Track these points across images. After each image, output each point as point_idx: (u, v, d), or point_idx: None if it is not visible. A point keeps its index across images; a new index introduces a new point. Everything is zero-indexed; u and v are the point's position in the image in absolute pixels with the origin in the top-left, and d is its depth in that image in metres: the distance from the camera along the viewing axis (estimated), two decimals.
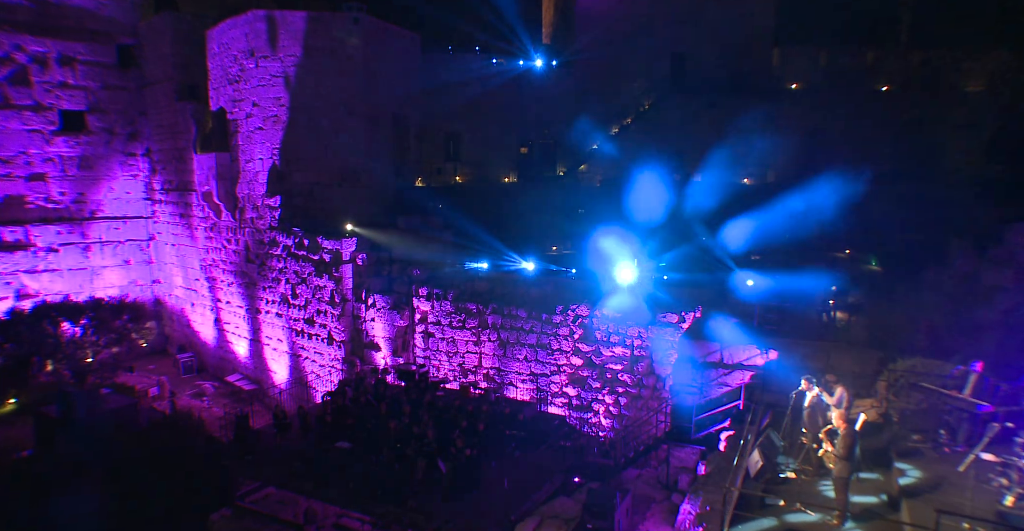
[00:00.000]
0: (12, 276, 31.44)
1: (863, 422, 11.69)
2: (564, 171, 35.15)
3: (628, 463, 16.68)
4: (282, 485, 16.72)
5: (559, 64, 35.49)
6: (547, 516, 14.18)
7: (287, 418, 18.65)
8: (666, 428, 16.81)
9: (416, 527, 14.33)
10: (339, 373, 24.47)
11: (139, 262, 35.74)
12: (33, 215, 32.13)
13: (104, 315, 31.33)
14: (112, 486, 17.21)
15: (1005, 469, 10.34)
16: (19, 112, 31.37)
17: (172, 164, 33.30)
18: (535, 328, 21.21)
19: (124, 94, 34.14)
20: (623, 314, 19.58)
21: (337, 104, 27.05)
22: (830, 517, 10.49)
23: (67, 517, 16.53)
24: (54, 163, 32.53)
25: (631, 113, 33.31)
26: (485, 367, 22.31)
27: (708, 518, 11.11)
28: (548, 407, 20.72)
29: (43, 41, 31.58)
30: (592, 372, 20.22)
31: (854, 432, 10.67)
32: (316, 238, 25.14)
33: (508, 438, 17.00)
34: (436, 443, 16.49)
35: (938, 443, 11.90)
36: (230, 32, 27.70)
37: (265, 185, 27.29)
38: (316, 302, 25.44)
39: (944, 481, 10.80)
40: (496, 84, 33.31)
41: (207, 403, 28.46)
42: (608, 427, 19.87)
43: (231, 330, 30.93)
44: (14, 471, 19.23)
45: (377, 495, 14.96)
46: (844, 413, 11.10)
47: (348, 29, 26.71)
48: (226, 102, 28.60)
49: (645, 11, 33.36)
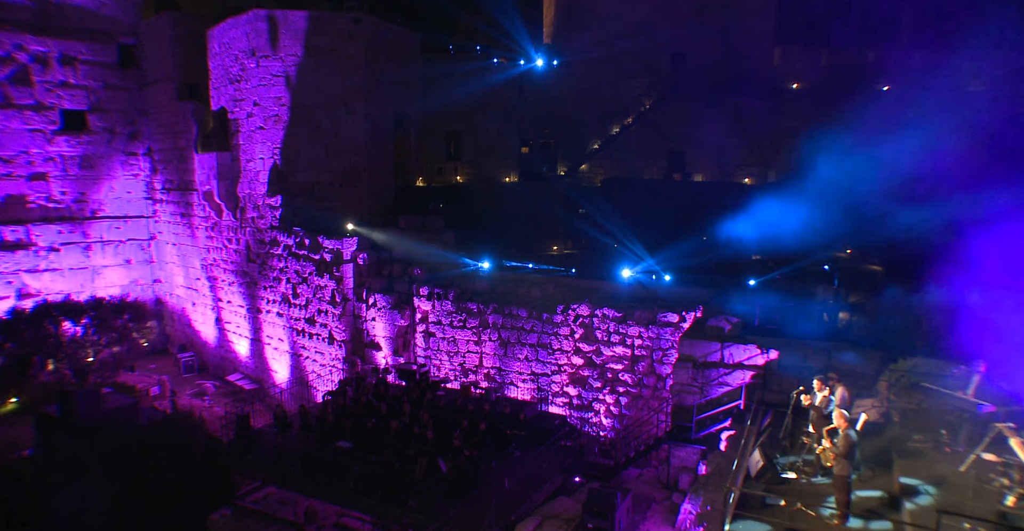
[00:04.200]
0: (13, 275, 31.48)
1: (864, 422, 11.69)
2: (565, 171, 35.15)
3: (629, 463, 16.67)
4: (283, 485, 16.75)
5: (560, 64, 35.47)
6: (548, 516, 14.18)
7: (288, 418, 18.65)
8: (667, 428, 16.80)
9: (417, 527, 14.34)
10: (340, 373, 24.48)
11: (140, 261, 35.78)
12: (34, 214, 32.15)
13: (105, 314, 31.33)
14: (112, 486, 17.21)
15: (1006, 469, 10.33)
16: (20, 111, 31.40)
17: (173, 164, 33.32)
18: (536, 328, 21.21)
19: (125, 94, 34.17)
20: (624, 314, 19.58)
21: (338, 104, 27.05)
22: (831, 517, 10.49)
23: (68, 516, 16.55)
24: (55, 162, 32.56)
25: (632, 113, 33.31)
26: (486, 367, 22.32)
27: (709, 518, 11.10)
28: (549, 407, 20.74)
29: (44, 41, 31.61)
30: (593, 372, 20.23)
31: (855, 432, 10.67)
32: (317, 237, 25.15)
33: (509, 438, 17.00)
34: (437, 443, 16.51)
35: (939, 443, 11.89)
36: (231, 32, 27.71)
37: (266, 184, 27.31)
38: (317, 302, 25.45)
39: (945, 481, 10.79)
40: (497, 84, 33.29)
41: (208, 402, 28.49)
42: (609, 427, 19.89)
43: (232, 329, 30.95)
44: (14, 471, 19.22)
45: (378, 495, 14.96)
46: (845, 413, 11.10)
47: (349, 29, 26.71)
48: (227, 101, 28.61)
49: (646, 11, 33.35)
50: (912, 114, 25.05)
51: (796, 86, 33.11)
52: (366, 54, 27.01)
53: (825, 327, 16.39)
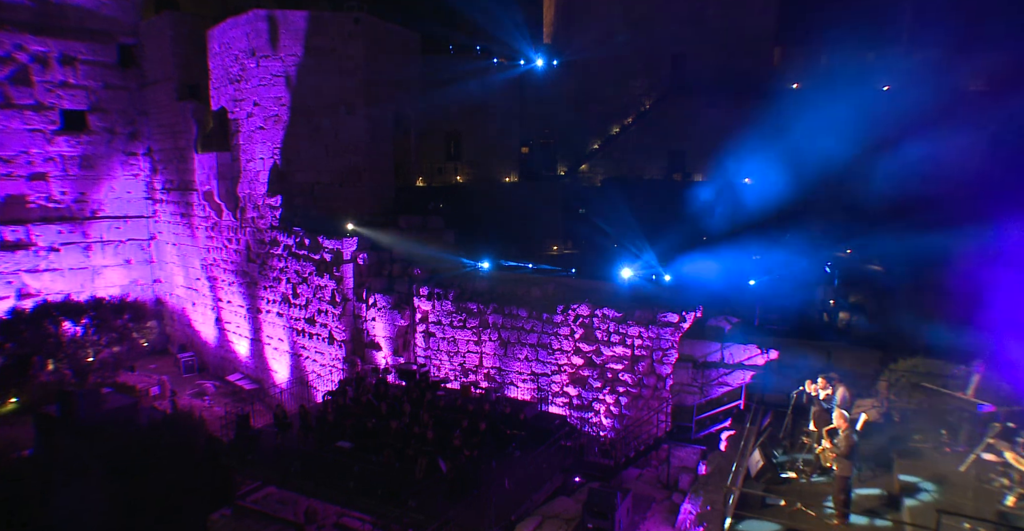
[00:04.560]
0: (13, 275, 31.48)
1: (864, 422, 11.69)
2: (565, 171, 35.16)
3: (629, 463, 16.68)
4: (283, 485, 16.75)
5: (560, 64, 35.48)
6: (548, 516, 14.18)
7: (288, 418, 18.65)
8: (667, 428, 16.81)
9: (417, 527, 14.34)
10: (340, 373, 24.48)
11: (140, 261, 35.78)
12: (34, 214, 32.15)
13: (105, 314, 31.31)
14: (112, 485, 17.21)
15: (1006, 469, 10.34)
16: (20, 112, 31.39)
17: (173, 164, 33.32)
18: (536, 328, 21.21)
19: (125, 94, 34.16)
20: (624, 314, 19.58)
21: (338, 103, 27.05)
22: (831, 517, 10.49)
23: (68, 516, 16.55)
24: (55, 162, 32.55)
25: (631, 113, 33.30)
26: (486, 367, 22.32)
27: (709, 518, 11.11)
28: (549, 407, 20.74)
29: (44, 41, 31.60)
30: (593, 372, 20.23)
31: (855, 432, 10.67)
32: (317, 238, 25.15)
33: (509, 438, 16.99)
34: (437, 443, 16.51)
35: (939, 443, 11.89)
36: (231, 32, 27.71)
37: (266, 184, 27.31)
38: (317, 302, 25.45)
39: (945, 481, 10.79)
40: (497, 84, 33.30)
41: (208, 402, 28.49)
42: (609, 427, 19.90)
43: (232, 329, 30.95)
44: (14, 470, 19.23)
45: (378, 495, 14.96)
46: (845, 413, 11.10)
47: (349, 29, 26.71)
48: (227, 102, 28.61)
49: (646, 11, 33.34)
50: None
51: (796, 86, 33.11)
52: (366, 54, 27.01)
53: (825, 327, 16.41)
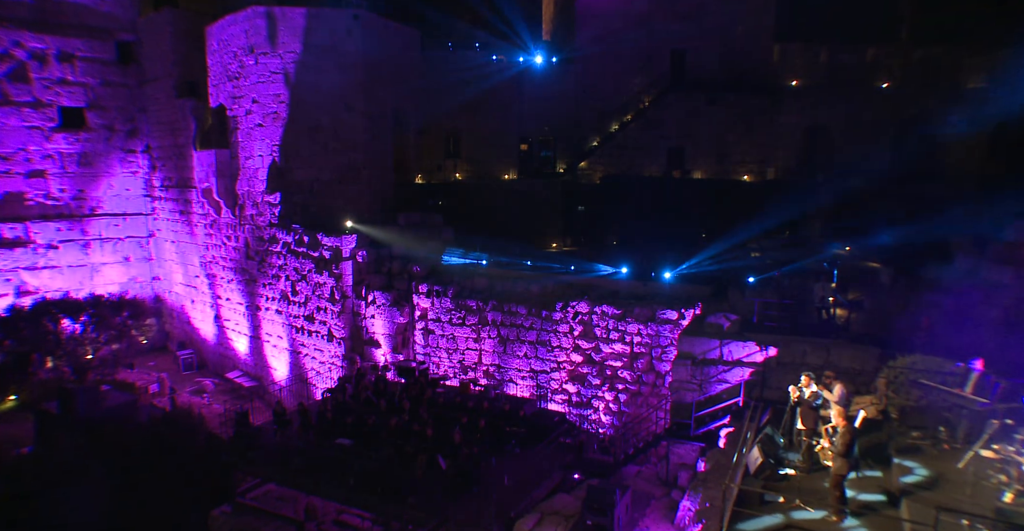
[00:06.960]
0: (12, 273, 31.46)
1: (862, 419, 11.70)
2: (564, 168, 35.10)
3: (628, 460, 16.71)
4: (282, 482, 16.77)
5: (559, 61, 35.40)
6: (547, 513, 14.21)
7: (287, 415, 18.66)
8: (666, 425, 16.83)
9: (416, 523, 14.37)
10: (339, 370, 24.50)
11: (139, 259, 35.75)
12: (33, 212, 32.11)
13: (104, 312, 31.25)
14: (112, 483, 17.23)
15: (1004, 466, 10.36)
16: (18, 109, 31.33)
17: (172, 161, 33.27)
18: (535, 325, 21.22)
19: (123, 91, 34.09)
20: (623, 311, 19.59)
21: (337, 101, 27.00)
22: (829, 514, 10.51)
23: (67, 514, 16.56)
24: (53, 160, 32.50)
25: (631, 110, 33.22)
26: (485, 364, 22.33)
27: (708, 514, 11.13)
28: (548, 404, 20.76)
29: (42, 37, 31.52)
30: (592, 369, 20.26)
31: (853, 429, 10.67)
32: (316, 235, 25.14)
33: (508, 435, 17.01)
34: (436, 440, 16.52)
35: (937, 440, 11.91)
36: (230, 28, 27.65)
37: (265, 182, 27.27)
38: (316, 299, 25.45)
39: (943, 478, 10.82)
40: (496, 81, 33.24)
41: (207, 400, 28.50)
42: (608, 424, 19.93)
43: (231, 327, 30.95)
44: (14, 468, 19.24)
45: (377, 492, 14.98)
46: (843, 410, 11.11)
47: (348, 25, 26.66)
48: (226, 99, 28.56)
49: (645, 7, 33.24)
50: None
51: (795, 84, 33.06)
52: (365, 51, 26.97)
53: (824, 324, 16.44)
